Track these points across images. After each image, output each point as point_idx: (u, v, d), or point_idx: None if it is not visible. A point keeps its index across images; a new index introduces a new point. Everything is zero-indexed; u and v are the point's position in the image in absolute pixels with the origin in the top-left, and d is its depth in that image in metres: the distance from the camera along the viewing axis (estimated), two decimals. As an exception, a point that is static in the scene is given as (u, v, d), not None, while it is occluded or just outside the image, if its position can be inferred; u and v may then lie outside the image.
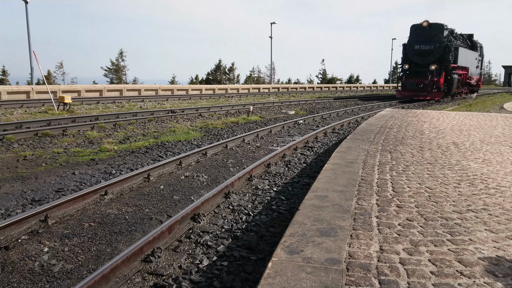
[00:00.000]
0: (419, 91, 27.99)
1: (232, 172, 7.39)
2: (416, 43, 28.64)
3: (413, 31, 29.29)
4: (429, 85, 27.60)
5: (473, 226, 3.68)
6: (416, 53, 28.67)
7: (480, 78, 39.88)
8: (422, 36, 28.41)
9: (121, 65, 59.77)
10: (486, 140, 8.73)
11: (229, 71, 65.71)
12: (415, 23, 29.19)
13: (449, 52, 28.02)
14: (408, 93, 28.74)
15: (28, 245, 4.20)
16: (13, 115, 15.29)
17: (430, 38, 28.04)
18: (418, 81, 28.10)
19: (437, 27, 28.07)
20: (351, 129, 12.89)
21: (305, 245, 3.19)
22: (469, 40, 34.69)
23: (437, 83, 27.66)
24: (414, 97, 27.91)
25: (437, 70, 27.62)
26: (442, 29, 28.03)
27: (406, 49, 29.58)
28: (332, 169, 5.85)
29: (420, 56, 28.57)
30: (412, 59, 28.98)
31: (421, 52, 28.42)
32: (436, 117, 13.94)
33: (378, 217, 3.89)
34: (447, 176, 5.52)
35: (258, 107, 20.75)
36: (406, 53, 29.71)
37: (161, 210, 5.34)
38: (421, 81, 27.96)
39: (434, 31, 28.06)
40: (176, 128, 12.65)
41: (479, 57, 37.26)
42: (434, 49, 27.95)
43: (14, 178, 6.73)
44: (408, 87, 28.86)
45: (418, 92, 27.99)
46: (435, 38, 27.91)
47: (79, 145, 9.74)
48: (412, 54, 28.93)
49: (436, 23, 28.20)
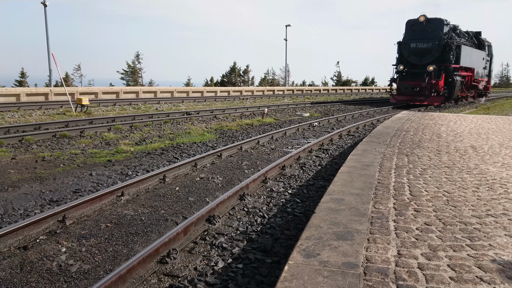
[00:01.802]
0: (415, 95, 24.73)
1: (247, 174, 7.39)
2: (412, 41, 25.31)
3: (408, 27, 25.91)
4: (427, 89, 24.25)
5: (493, 231, 3.61)
6: (412, 52, 25.38)
7: (489, 81, 35.89)
8: (419, 33, 25.15)
9: (137, 67, 60.31)
10: (505, 144, 8.58)
11: (243, 73, 65.80)
12: (411, 18, 25.93)
13: (450, 50, 24.62)
14: (403, 97, 25.53)
15: (46, 245, 4.25)
16: (31, 116, 15.54)
17: (428, 35, 24.76)
18: (414, 84, 24.67)
19: (435, 23, 24.79)
20: (366, 132, 12.78)
21: (322, 248, 3.17)
22: (476, 38, 31.27)
23: (436, 86, 24.23)
24: (409, 102, 24.99)
25: (436, 71, 24.28)
26: (441, 24, 24.68)
27: (401, 48, 26.19)
28: (348, 172, 5.80)
29: (416, 56, 25.27)
30: (408, 59, 25.65)
31: (418, 51, 25.12)
32: (454, 120, 13.75)
33: (395, 221, 3.85)
34: (466, 180, 5.43)
35: (273, 109, 20.74)
36: (401, 52, 26.32)
37: (176, 212, 5.36)
38: (417, 84, 24.50)
39: (432, 27, 24.73)
40: (191, 130, 12.71)
41: (487, 57, 33.21)
42: (432, 48, 24.61)
43: (33, 179, 6.84)
44: (402, 91, 25.56)
45: (414, 96, 24.79)
46: (434, 34, 24.60)
47: (96, 147, 9.85)
48: (407, 53, 25.64)
49: (434, 18, 24.94)
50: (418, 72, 24.80)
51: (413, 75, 25.21)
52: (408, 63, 25.68)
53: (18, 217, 5.06)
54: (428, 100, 24.55)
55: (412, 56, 25.38)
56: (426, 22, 24.73)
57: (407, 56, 25.57)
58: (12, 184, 6.50)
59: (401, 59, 26.19)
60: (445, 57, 24.65)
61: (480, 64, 31.01)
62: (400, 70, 25.89)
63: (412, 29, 25.44)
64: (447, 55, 24.63)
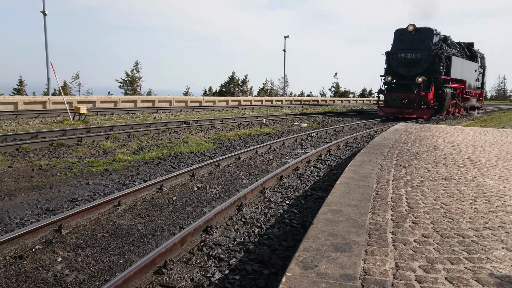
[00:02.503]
0: (404, 107, 23.65)
1: (245, 184, 7.37)
2: (401, 51, 24.23)
3: (397, 37, 24.80)
4: (415, 101, 23.13)
5: (490, 244, 3.61)
6: (401, 62, 24.29)
7: (482, 93, 34.55)
8: (407, 43, 24.11)
9: (136, 76, 60.43)
10: (502, 157, 8.60)
11: (242, 83, 66.01)
12: (400, 28, 24.82)
13: (440, 61, 23.56)
14: (391, 109, 24.38)
15: (42, 255, 4.22)
16: (29, 125, 15.52)
17: (417, 45, 23.74)
18: (402, 96, 23.64)
19: (425, 32, 23.72)
20: (364, 143, 12.80)
21: (320, 260, 3.16)
22: (468, 49, 30.21)
23: (425, 98, 23.15)
24: (398, 115, 23.98)
25: (425, 83, 23.14)
26: (431, 34, 23.59)
27: (389, 58, 25.06)
28: (346, 183, 5.80)
29: (405, 67, 24.18)
30: (397, 70, 24.59)
31: (407, 61, 24.04)
32: (451, 132, 13.80)
33: (393, 233, 3.84)
34: (463, 193, 5.44)
35: (271, 119, 20.78)
36: (389, 62, 25.20)
37: (173, 222, 5.34)
38: (406, 95, 23.49)
39: (421, 36, 23.68)
40: (190, 139, 12.70)
41: (480, 68, 31.89)
42: (421, 58, 23.58)
43: (30, 187, 6.81)
44: (390, 103, 24.46)
45: (403, 108, 23.69)
46: (423, 45, 23.56)
47: (94, 155, 9.83)
48: (396, 64, 24.55)
49: (424, 28, 23.91)
50: (407, 84, 23.91)
51: (402, 86, 24.39)
52: (396, 74, 24.85)
53: (14, 226, 5.03)
54: (417, 112, 23.59)
55: (400, 67, 24.45)
56: (415, 31, 23.81)
57: (395, 66, 24.65)
58: (9, 192, 6.47)
59: (390, 70, 25.24)
60: (435, 68, 23.61)
61: (472, 76, 29.96)
62: (388, 81, 25.01)
63: (401, 39, 24.54)
64: (436, 66, 23.59)
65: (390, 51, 25.07)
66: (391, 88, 24.96)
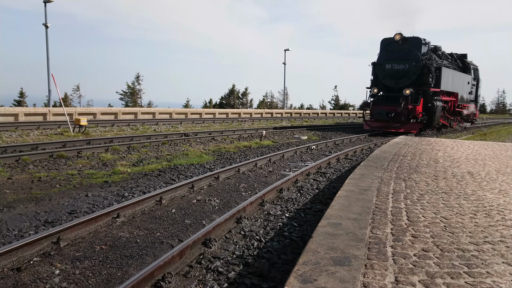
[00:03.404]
0: (390, 121, 22.20)
1: (244, 196, 7.36)
2: (387, 61, 22.77)
3: (383, 46, 23.36)
4: (403, 114, 21.66)
5: (490, 259, 3.59)
6: (388, 74, 22.82)
7: (476, 106, 32.49)
8: (394, 53, 22.65)
9: (136, 88, 60.70)
10: (502, 170, 8.60)
11: (242, 95, 66.26)
12: (387, 37, 23.36)
13: (429, 73, 22.04)
14: (377, 123, 22.90)
15: (40, 267, 4.19)
16: (29, 136, 15.53)
17: (405, 55, 22.29)
18: (389, 109, 22.10)
19: (413, 42, 22.29)
20: (364, 156, 12.80)
21: (319, 274, 3.14)
22: (461, 61, 28.64)
23: (413, 111, 21.69)
24: (384, 129, 22.47)
25: (413, 96, 21.77)
26: (419, 44, 22.20)
27: (376, 69, 23.62)
28: (346, 196, 5.79)
29: (392, 78, 22.77)
30: (383, 82, 23.19)
31: (394, 72, 22.60)
32: (451, 146, 13.81)
33: (393, 246, 3.83)
34: (463, 206, 5.43)
35: (271, 131, 20.81)
36: (375, 74, 23.75)
37: (172, 234, 5.32)
38: (392, 108, 21.95)
39: (409, 46, 22.21)
40: (189, 152, 12.71)
41: (473, 81, 30.19)
42: (409, 69, 22.12)
43: (28, 199, 6.79)
44: (376, 117, 22.97)
45: (389, 122, 22.26)
46: (411, 55, 22.12)
47: (93, 167, 9.82)
48: (382, 75, 23.09)
49: (412, 37, 22.51)
50: (394, 96, 22.56)
51: (389, 99, 23.12)
52: (383, 86, 23.50)
53: (12, 238, 5.01)
54: (404, 127, 22.06)
55: (387, 78, 23.02)
56: (402, 41, 22.34)
57: (382, 78, 23.24)
58: (8, 204, 6.45)
59: (376, 82, 23.88)
60: (424, 80, 22.17)
61: (465, 89, 28.29)
62: (375, 94, 23.74)
63: (387, 49, 23.09)
64: (425, 78, 22.14)
65: (376, 61, 23.75)
66: (378, 101, 23.70)
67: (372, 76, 24.22)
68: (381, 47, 23.51)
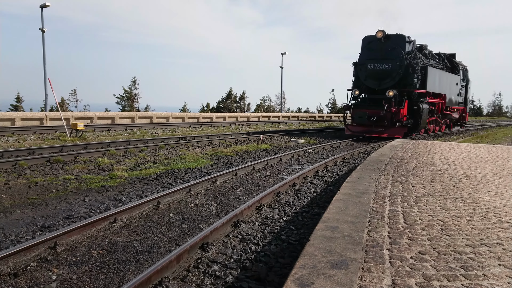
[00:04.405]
0: (373, 125, 20.52)
1: (242, 200, 7.36)
2: (369, 61, 21.13)
3: (365, 45, 21.69)
4: (386, 118, 19.94)
5: (487, 261, 3.61)
6: (370, 74, 21.21)
7: (465, 109, 30.56)
8: (376, 52, 20.99)
9: (133, 93, 60.70)
10: (498, 173, 8.63)
11: (240, 99, 66.35)
12: (368, 35, 21.72)
13: (414, 73, 20.44)
14: (359, 128, 21.34)
15: (37, 272, 4.18)
16: (26, 141, 15.50)
17: (388, 54, 20.64)
18: (371, 112, 20.41)
19: (396, 39, 20.64)
20: (361, 159, 12.83)
21: (316, 277, 3.14)
22: (449, 60, 26.96)
23: (397, 115, 19.92)
24: (366, 134, 21.00)
25: (397, 98, 20.13)
26: (403, 42, 20.53)
27: (357, 70, 21.99)
28: (343, 199, 5.80)
29: (374, 79, 21.14)
30: (365, 83, 21.61)
31: (376, 73, 20.96)
32: (447, 149, 13.85)
33: (390, 249, 3.83)
34: (460, 209, 5.45)
35: (268, 135, 20.82)
36: (357, 74, 22.16)
37: (169, 239, 5.31)
38: (374, 112, 20.25)
39: (392, 44, 20.59)
40: (187, 156, 12.70)
41: (462, 82, 28.47)
42: (392, 69, 20.45)
43: (25, 204, 6.77)
44: (357, 120, 21.30)
45: (371, 127, 20.60)
46: (394, 54, 20.48)
47: (90, 172, 9.81)
48: (364, 76, 21.49)
49: (395, 34, 20.86)
50: (377, 99, 20.78)
51: (371, 101, 21.41)
52: (365, 88, 21.92)
53: (9, 243, 4.99)
54: (388, 131, 20.41)
55: (369, 79, 21.38)
56: (385, 38, 20.68)
57: (363, 79, 21.63)
58: (4, 209, 6.43)
59: (357, 83, 22.27)
60: (408, 81, 20.56)
61: (453, 90, 26.58)
62: (356, 96, 22.11)
63: (369, 47, 21.38)
64: (410, 78, 20.54)
65: (357, 61, 22.04)
66: (359, 103, 22.09)
67: (353, 77, 22.77)
68: (363, 45, 21.89)
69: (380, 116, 20.02)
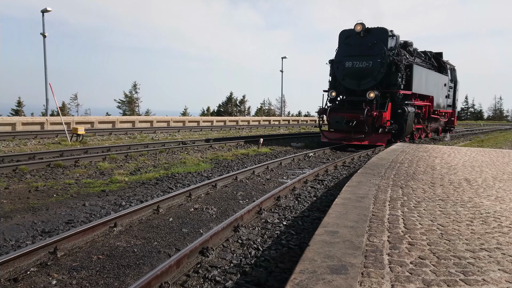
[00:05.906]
0: (352, 132, 17.89)
1: (242, 204, 7.36)
2: (347, 58, 18.48)
3: (342, 40, 19.00)
4: (367, 123, 17.36)
5: (487, 266, 3.60)
6: (348, 73, 18.53)
7: (454, 112, 28.05)
8: (355, 48, 18.37)
9: (134, 97, 60.82)
10: (499, 177, 8.63)
11: (240, 103, 66.46)
12: (346, 29, 19.05)
13: (398, 71, 17.95)
14: (336, 135, 18.73)
15: (37, 277, 4.18)
16: (26, 146, 15.53)
17: (367, 50, 18.03)
18: (349, 117, 17.70)
19: (377, 33, 17.99)
20: (361, 163, 12.83)
21: (315, 283, 3.14)
22: (436, 59, 24.51)
23: (379, 119, 17.44)
24: (344, 141, 18.22)
25: (379, 100, 17.66)
26: (385, 36, 17.92)
27: (334, 68, 19.27)
28: (343, 203, 5.80)
29: (353, 79, 18.49)
30: (343, 83, 18.91)
31: (355, 72, 18.32)
32: (448, 153, 13.85)
33: (389, 254, 3.83)
34: (460, 214, 5.44)
35: (268, 139, 20.83)
36: (334, 74, 19.43)
37: (169, 243, 5.31)
38: (353, 116, 17.61)
39: (372, 39, 17.94)
40: (187, 160, 12.71)
41: (451, 83, 26.11)
42: (373, 67, 17.85)
43: (25, 209, 6.78)
44: (334, 126, 18.65)
45: (350, 134, 17.98)
46: (375, 50, 17.88)
47: (91, 176, 9.82)
48: (342, 75, 18.77)
49: (376, 28, 18.17)
50: (357, 101, 18.28)
51: (350, 104, 18.79)
52: (343, 89, 19.29)
53: (9, 248, 4.99)
54: (369, 138, 17.83)
55: (347, 79, 18.71)
56: (364, 32, 18.01)
57: (341, 79, 18.92)
58: (5, 214, 6.44)
59: (335, 83, 19.60)
60: (391, 80, 18.14)
61: (442, 92, 24.11)
62: (333, 98, 19.47)
63: (347, 43, 18.71)
64: (393, 78, 18.08)
65: (334, 58, 19.33)
66: (336, 106, 19.38)
67: (330, 76, 19.96)
68: (340, 40, 19.19)
69: (360, 121, 17.49)
